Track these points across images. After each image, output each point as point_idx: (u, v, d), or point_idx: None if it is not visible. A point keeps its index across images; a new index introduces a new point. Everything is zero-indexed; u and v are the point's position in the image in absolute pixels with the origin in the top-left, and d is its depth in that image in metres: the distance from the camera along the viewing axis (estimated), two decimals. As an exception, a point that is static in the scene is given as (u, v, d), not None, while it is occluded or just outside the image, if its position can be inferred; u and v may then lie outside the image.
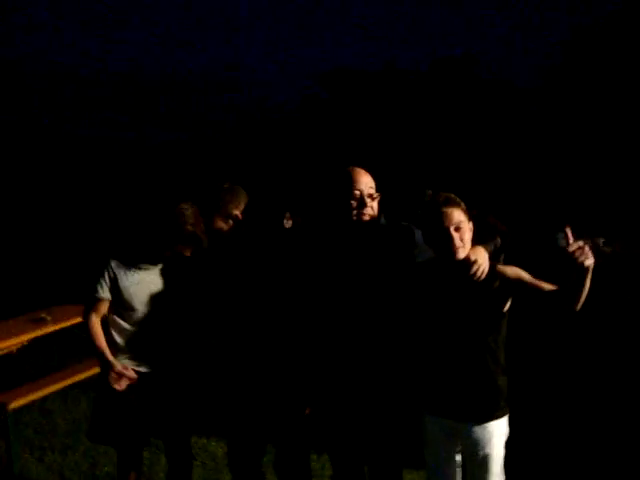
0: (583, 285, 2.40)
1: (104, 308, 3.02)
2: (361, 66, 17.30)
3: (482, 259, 2.61)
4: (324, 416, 2.96)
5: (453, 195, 2.68)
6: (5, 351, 5.14)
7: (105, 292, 2.99)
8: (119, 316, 3.04)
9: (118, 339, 3.04)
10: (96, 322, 3.01)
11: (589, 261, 2.35)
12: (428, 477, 2.86)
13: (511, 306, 2.66)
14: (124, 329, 3.03)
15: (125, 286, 2.99)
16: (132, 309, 3.01)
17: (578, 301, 2.44)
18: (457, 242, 2.55)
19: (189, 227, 2.94)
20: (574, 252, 2.35)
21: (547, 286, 2.53)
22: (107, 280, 2.98)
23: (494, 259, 7.91)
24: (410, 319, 2.75)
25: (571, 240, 2.38)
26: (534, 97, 13.99)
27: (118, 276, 2.99)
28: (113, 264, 3.01)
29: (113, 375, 2.92)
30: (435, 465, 2.76)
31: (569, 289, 2.44)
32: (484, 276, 2.58)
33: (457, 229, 2.57)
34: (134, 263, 3.03)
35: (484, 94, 14.75)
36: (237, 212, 3.03)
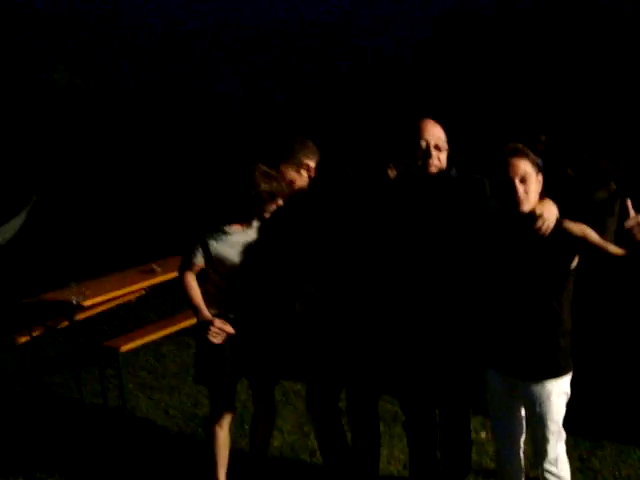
0: None
1: (198, 268, 3.20)
2: (475, 7, 16.54)
3: (549, 213, 2.56)
4: (395, 362, 3.08)
5: (521, 145, 2.62)
6: (122, 300, 5.64)
7: (199, 259, 3.17)
8: (214, 272, 3.20)
9: (212, 291, 3.22)
10: (191, 280, 3.18)
11: None
12: (492, 428, 2.93)
13: (580, 266, 2.61)
14: (218, 283, 3.21)
15: (217, 252, 3.15)
16: (225, 268, 3.18)
17: None
18: (521, 194, 2.51)
19: (262, 187, 3.07)
20: (632, 228, 2.29)
21: (614, 249, 2.45)
22: (200, 249, 3.15)
23: (609, 205, 7.68)
24: (478, 270, 2.77)
25: (632, 214, 2.30)
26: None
27: (210, 244, 3.15)
28: (206, 232, 3.18)
29: (213, 330, 3.08)
30: (497, 417, 2.82)
31: (632, 260, 2.38)
32: (549, 231, 2.54)
33: (522, 181, 2.52)
34: (223, 229, 3.19)
35: (610, 28, 13.76)
36: (309, 162, 3.15)
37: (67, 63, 12.78)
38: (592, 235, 2.51)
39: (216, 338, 3.07)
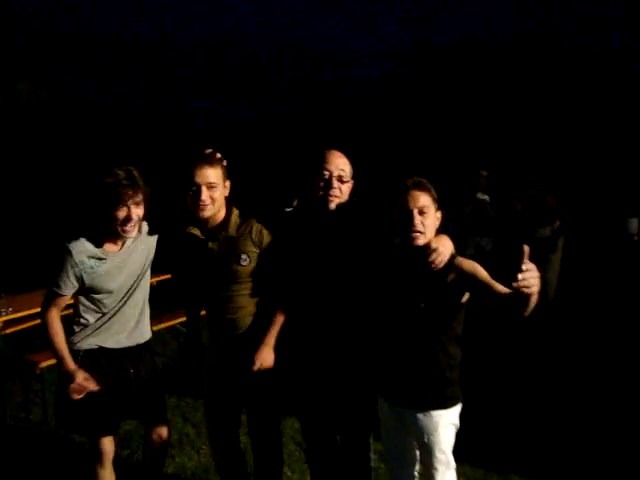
0: (527, 304, 2.32)
1: (65, 301, 2.88)
2: (440, 41, 16.92)
3: (443, 248, 2.61)
4: (295, 385, 3.10)
5: (425, 180, 2.69)
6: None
7: (68, 288, 2.82)
8: (89, 299, 2.90)
9: (88, 318, 2.92)
10: (55, 318, 2.86)
11: (530, 290, 2.23)
12: (385, 456, 2.97)
13: (470, 302, 2.69)
14: (95, 310, 2.93)
15: (93, 283, 2.83)
16: (104, 293, 2.89)
17: (525, 312, 2.37)
18: (418, 225, 2.56)
19: (107, 179, 2.74)
20: (522, 280, 2.21)
21: (501, 289, 2.48)
22: (70, 275, 2.79)
23: (552, 241, 7.99)
24: (374, 300, 2.81)
25: (524, 266, 2.22)
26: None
27: (82, 275, 2.80)
28: (75, 254, 2.79)
29: (73, 387, 2.80)
30: (389, 446, 2.86)
31: (515, 302, 2.36)
32: (441, 265, 2.59)
33: (421, 213, 2.58)
34: (95, 254, 2.84)
35: (567, 68, 14.16)
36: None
37: (30, 74, 12.71)
38: (481, 273, 2.58)
39: (76, 394, 2.82)
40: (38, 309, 4.80)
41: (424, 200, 2.61)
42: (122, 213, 2.78)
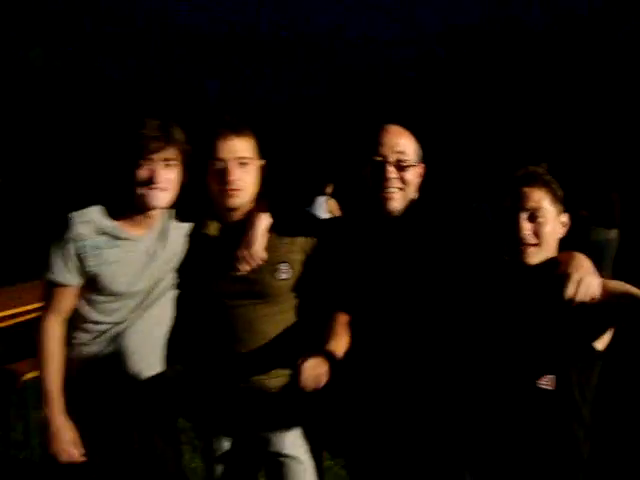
0: None
1: (70, 298, 2.05)
2: (480, 24, 15.97)
3: (590, 277, 1.75)
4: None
5: (541, 170, 1.94)
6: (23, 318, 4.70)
7: (68, 275, 2.01)
8: (91, 304, 2.09)
9: (85, 335, 2.12)
10: (52, 328, 2.03)
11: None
12: None
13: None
14: (97, 323, 2.11)
15: (98, 264, 2.01)
16: (112, 296, 2.08)
17: None
18: (526, 233, 1.82)
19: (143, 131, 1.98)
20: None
21: None
22: (68, 254, 1.98)
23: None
24: (462, 353, 1.97)
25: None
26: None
27: (85, 246, 1.99)
28: (77, 224, 1.99)
29: (54, 449, 2.01)
30: None
31: None
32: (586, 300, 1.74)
33: (533, 217, 1.84)
34: (108, 228, 2.04)
35: (613, 54, 13.16)
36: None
37: (45, 44, 11.92)
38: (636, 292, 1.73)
39: (60, 455, 2.02)
40: (28, 306, 4.13)
41: (539, 198, 1.86)
42: (144, 172, 2.00)
